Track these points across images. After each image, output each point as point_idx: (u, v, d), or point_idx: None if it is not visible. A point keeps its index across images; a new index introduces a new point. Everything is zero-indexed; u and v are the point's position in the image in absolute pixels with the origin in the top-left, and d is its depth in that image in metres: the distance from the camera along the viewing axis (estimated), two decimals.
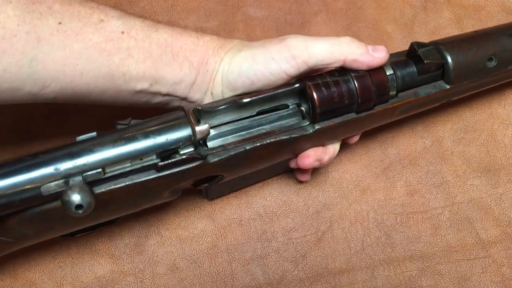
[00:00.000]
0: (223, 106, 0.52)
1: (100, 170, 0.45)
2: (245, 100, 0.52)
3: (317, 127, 0.53)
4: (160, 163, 0.47)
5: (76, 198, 0.42)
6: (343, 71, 0.53)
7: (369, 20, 0.75)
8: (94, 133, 0.47)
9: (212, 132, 0.52)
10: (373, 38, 0.74)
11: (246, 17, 0.73)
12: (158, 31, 0.51)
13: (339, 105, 0.53)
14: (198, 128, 0.48)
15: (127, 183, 0.48)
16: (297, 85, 0.53)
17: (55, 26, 0.45)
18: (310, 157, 0.56)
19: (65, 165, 0.44)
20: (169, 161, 0.48)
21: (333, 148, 0.59)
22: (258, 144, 0.52)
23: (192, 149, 0.49)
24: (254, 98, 0.52)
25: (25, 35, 0.43)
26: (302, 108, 0.55)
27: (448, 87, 0.59)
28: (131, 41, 0.49)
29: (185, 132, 0.48)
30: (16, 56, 0.43)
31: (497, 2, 0.77)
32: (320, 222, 0.65)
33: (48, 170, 0.43)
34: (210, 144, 0.51)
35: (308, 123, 0.54)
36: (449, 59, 0.57)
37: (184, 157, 0.49)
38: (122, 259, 0.62)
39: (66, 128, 0.66)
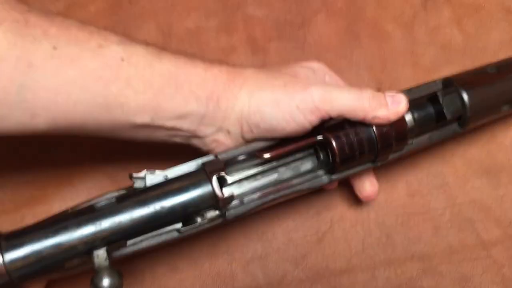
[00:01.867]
0: (242, 157, 0.51)
1: (123, 241, 0.45)
2: (266, 156, 0.50)
3: (333, 177, 0.53)
4: (182, 228, 0.48)
5: (106, 284, 0.42)
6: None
7: (369, 20, 0.75)
8: (113, 198, 0.46)
9: (229, 179, 0.51)
10: (373, 38, 0.73)
11: (246, 16, 0.73)
12: (162, 61, 0.47)
13: (358, 159, 0.52)
14: (223, 198, 0.47)
15: (148, 245, 0.47)
16: (319, 138, 0.51)
17: (49, 51, 0.42)
18: None
19: (88, 239, 0.43)
20: (192, 225, 0.48)
21: None
22: (276, 196, 0.51)
23: (215, 213, 0.49)
24: (275, 153, 0.50)
25: (15, 60, 0.40)
26: (319, 152, 0.54)
27: (461, 130, 0.60)
28: (131, 70, 0.45)
29: (210, 201, 0.47)
30: (2, 82, 0.40)
31: (497, 2, 0.77)
32: (321, 223, 0.65)
33: (71, 244, 0.43)
34: (226, 191, 0.49)
35: (324, 173, 0.53)
36: (469, 112, 0.57)
37: (205, 221, 0.48)
38: (122, 259, 0.62)
39: None
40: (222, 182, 0.49)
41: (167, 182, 0.47)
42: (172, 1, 0.73)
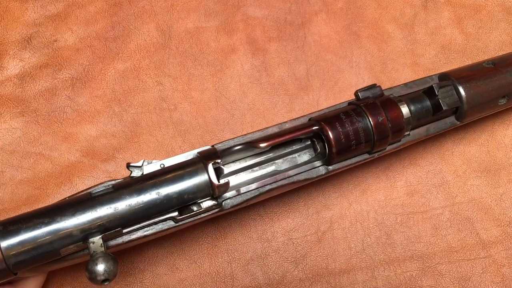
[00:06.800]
0: (238, 147, 0.52)
1: (119, 228, 0.45)
2: (262, 145, 0.51)
3: (330, 168, 0.54)
4: (178, 217, 0.48)
5: (101, 269, 0.42)
6: (359, 112, 0.53)
7: (369, 20, 0.75)
8: (110, 186, 0.46)
9: (226, 170, 0.52)
10: (373, 38, 0.73)
11: (246, 17, 0.73)
12: None
13: (355, 150, 0.52)
14: (218, 184, 0.47)
15: (144, 234, 0.48)
16: (315, 128, 0.52)
17: None
18: None
19: (84, 226, 0.43)
20: (188, 214, 0.48)
21: None
22: (273, 187, 0.52)
23: (211, 202, 0.49)
24: (271, 142, 0.51)
25: None
26: (316, 144, 0.55)
27: (458, 123, 0.60)
28: None
29: (205, 189, 0.47)
30: None
31: (497, 2, 0.77)
32: (320, 222, 0.65)
33: (67, 231, 0.43)
34: (222, 180, 0.49)
35: (321, 164, 0.54)
36: (465, 104, 0.58)
37: (202, 209, 0.49)
38: (122, 259, 0.62)
39: None
40: (219, 173, 0.50)
41: (164, 169, 0.48)
42: (172, 2, 0.73)
